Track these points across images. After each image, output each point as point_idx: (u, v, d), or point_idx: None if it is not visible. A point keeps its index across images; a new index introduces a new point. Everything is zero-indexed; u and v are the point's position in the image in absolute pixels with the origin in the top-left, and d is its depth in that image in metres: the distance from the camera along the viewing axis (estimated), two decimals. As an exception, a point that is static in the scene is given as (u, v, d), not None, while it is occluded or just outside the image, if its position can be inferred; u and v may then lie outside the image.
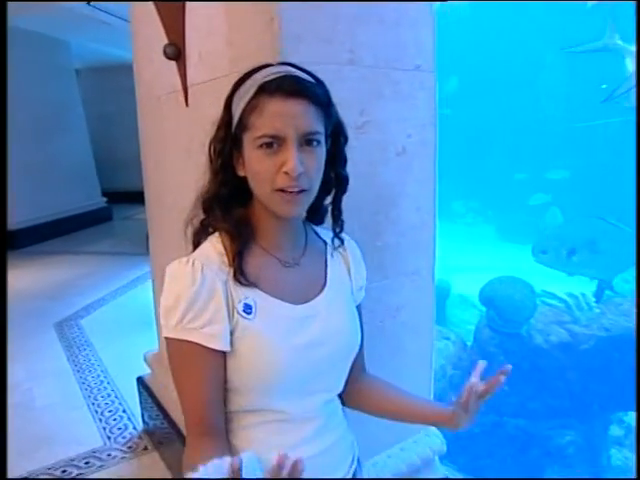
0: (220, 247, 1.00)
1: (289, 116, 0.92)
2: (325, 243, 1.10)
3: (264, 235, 1.02)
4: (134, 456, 2.16)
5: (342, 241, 1.09)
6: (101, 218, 7.58)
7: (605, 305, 3.67)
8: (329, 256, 1.10)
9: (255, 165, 0.95)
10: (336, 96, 1.17)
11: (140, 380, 2.25)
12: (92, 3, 5.06)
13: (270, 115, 0.92)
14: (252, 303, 0.99)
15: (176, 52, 1.52)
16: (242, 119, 0.95)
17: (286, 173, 0.92)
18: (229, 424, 1.01)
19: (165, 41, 1.54)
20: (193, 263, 0.97)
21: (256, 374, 0.99)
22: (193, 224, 1.05)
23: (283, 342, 0.99)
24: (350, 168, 1.22)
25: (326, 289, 1.06)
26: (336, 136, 1.01)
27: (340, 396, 1.11)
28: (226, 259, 0.98)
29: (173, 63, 1.55)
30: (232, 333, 0.96)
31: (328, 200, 1.05)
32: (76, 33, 6.52)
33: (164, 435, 2.11)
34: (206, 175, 1.01)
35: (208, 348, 0.96)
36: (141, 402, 2.26)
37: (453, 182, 8.73)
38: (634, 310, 2.98)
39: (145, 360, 2.21)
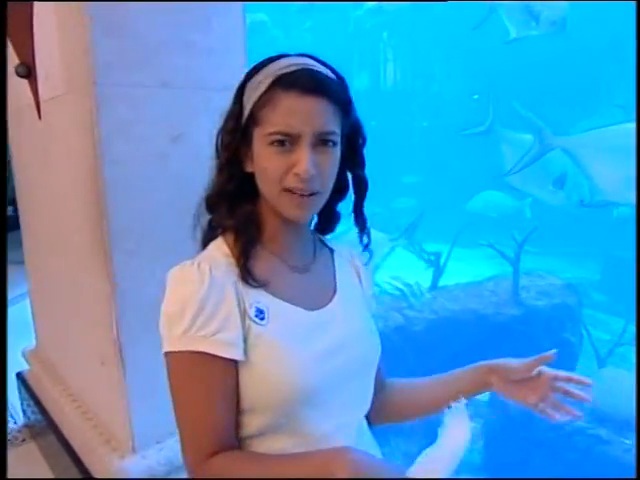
0: (225, 248, 0.94)
1: (305, 114, 0.86)
2: (331, 251, 1.07)
3: (272, 237, 0.96)
4: (12, 447, 2.28)
5: (371, 254, 1.05)
6: (8, 227, 7.39)
7: (438, 291, 4.18)
8: (337, 264, 1.05)
9: (264, 162, 0.89)
10: (149, 115, 1.41)
11: (19, 375, 2.37)
12: None
13: (284, 111, 0.87)
14: (264, 308, 0.91)
15: (26, 71, 1.69)
16: (253, 112, 0.89)
17: (297, 174, 0.87)
18: None
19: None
20: (199, 265, 0.89)
21: (274, 386, 0.88)
22: (201, 225, 0.99)
23: (301, 350, 0.91)
24: (166, 174, 1.45)
25: (337, 295, 1.01)
26: (354, 136, 0.97)
27: (366, 417, 1.03)
28: (233, 260, 0.92)
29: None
30: (244, 341, 0.87)
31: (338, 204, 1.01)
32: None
33: (42, 427, 2.24)
34: (212, 171, 0.97)
35: (220, 358, 0.86)
36: (20, 396, 2.38)
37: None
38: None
39: (23, 356, 2.33)
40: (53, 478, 1.69)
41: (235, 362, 0.86)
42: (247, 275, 0.89)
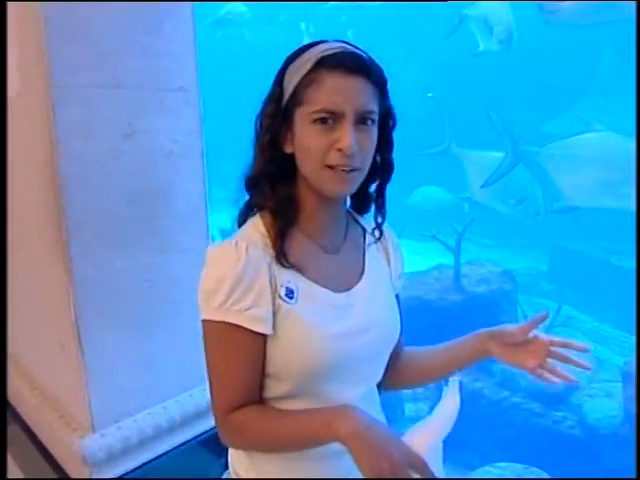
0: (262, 228, 0.98)
1: (348, 93, 0.90)
2: (364, 230, 1.11)
3: (308, 218, 1.00)
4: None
5: (382, 232, 1.09)
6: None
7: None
8: (367, 244, 1.09)
9: (307, 140, 0.92)
10: (104, 114, 1.49)
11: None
12: None
13: (329, 90, 0.90)
14: (294, 288, 0.96)
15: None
16: (296, 93, 0.92)
17: (340, 150, 0.90)
18: None
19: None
20: (237, 244, 0.95)
21: (297, 360, 0.96)
22: (238, 206, 1.04)
23: (324, 329, 0.97)
24: (121, 169, 1.54)
25: (364, 278, 1.05)
26: (386, 118, 0.99)
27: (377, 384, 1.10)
28: (269, 241, 0.97)
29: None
30: (273, 316, 0.94)
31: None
32: None
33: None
34: (252, 153, 1.00)
35: (251, 331, 0.93)
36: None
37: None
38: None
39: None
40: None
41: (264, 335, 0.94)
42: (282, 257, 0.95)
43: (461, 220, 5.10)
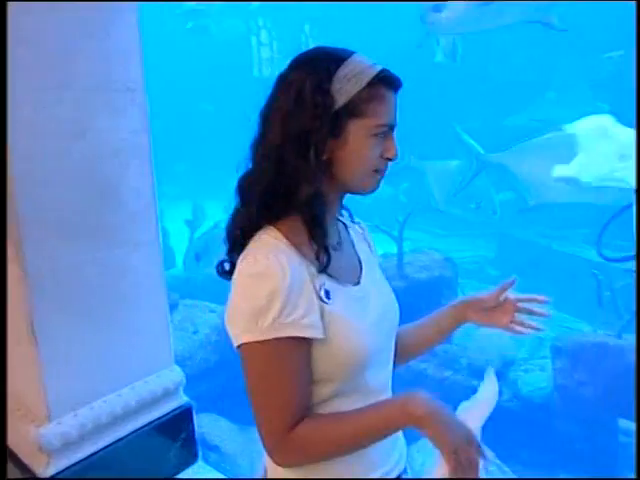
0: (282, 237, 0.99)
1: (394, 108, 1.01)
2: (344, 224, 1.17)
3: (329, 216, 1.05)
4: None
5: (353, 221, 1.18)
6: None
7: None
8: (352, 237, 1.17)
9: (364, 150, 0.99)
10: (54, 114, 1.54)
11: None
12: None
13: (389, 106, 0.99)
14: (329, 289, 1.00)
15: None
16: (352, 104, 0.96)
17: (389, 159, 1.02)
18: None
19: None
20: (275, 256, 0.95)
21: (345, 356, 1.00)
22: (236, 222, 1.04)
23: (361, 322, 1.03)
24: (70, 168, 1.60)
25: (364, 269, 1.12)
26: None
27: None
28: (293, 247, 0.98)
29: None
30: (320, 320, 0.97)
31: None
32: None
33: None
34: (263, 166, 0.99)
35: (304, 340, 0.95)
36: None
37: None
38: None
39: None
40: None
41: (311, 342, 0.96)
42: (325, 261, 0.98)
43: (399, 211, 5.34)
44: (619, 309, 3.81)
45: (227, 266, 1.07)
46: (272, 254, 0.95)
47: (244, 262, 0.97)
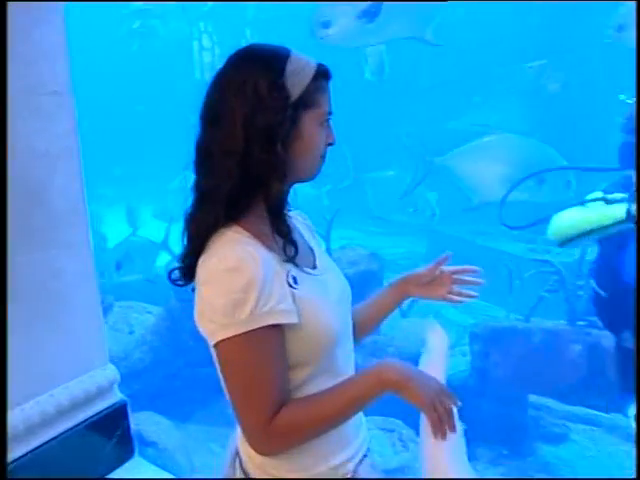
0: (245, 232, 1.03)
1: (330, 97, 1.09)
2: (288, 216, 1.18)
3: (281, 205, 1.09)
4: None
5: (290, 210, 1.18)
6: None
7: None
8: (297, 226, 1.20)
9: (316, 138, 1.06)
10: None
11: None
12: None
13: (328, 95, 1.08)
14: (295, 275, 1.04)
15: None
16: (305, 97, 1.02)
17: (331, 144, 1.11)
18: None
19: None
20: (245, 250, 0.98)
21: (320, 337, 1.04)
22: (193, 225, 1.05)
23: (326, 303, 1.08)
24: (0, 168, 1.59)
25: (316, 253, 1.18)
26: None
27: None
28: (258, 241, 1.02)
29: None
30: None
31: None
32: None
33: None
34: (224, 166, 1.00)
35: (279, 327, 0.98)
36: None
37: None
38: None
39: None
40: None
41: (284, 328, 0.99)
42: (292, 250, 1.03)
43: (322, 211, 5.51)
44: (527, 296, 4.16)
45: (178, 272, 1.11)
46: (240, 248, 0.99)
47: (213, 260, 0.99)
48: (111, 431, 2.01)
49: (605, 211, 2.12)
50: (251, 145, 1.00)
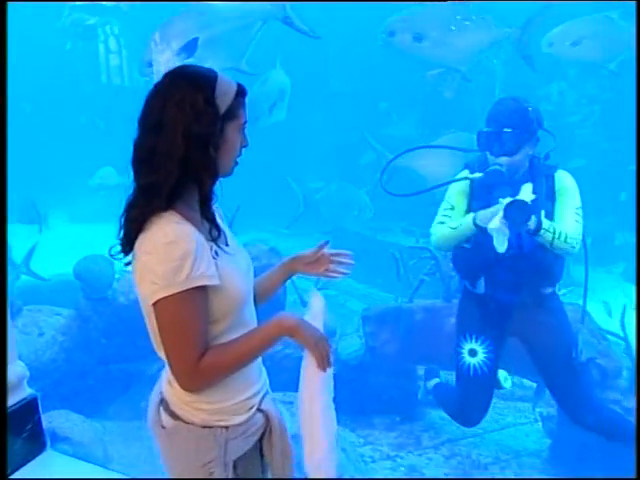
0: (179, 216, 1.32)
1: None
2: None
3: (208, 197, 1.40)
4: None
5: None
6: None
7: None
8: (213, 211, 1.46)
9: (236, 144, 1.39)
10: None
11: None
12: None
13: (245, 108, 1.40)
14: (216, 249, 1.38)
15: None
16: (229, 111, 1.34)
17: (245, 146, 1.42)
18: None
19: None
20: (181, 228, 1.29)
21: (234, 297, 1.40)
22: (135, 210, 1.33)
23: (237, 271, 1.44)
24: None
25: (227, 235, 1.48)
26: None
27: None
28: (189, 223, 1.32)
29: None
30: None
31: None
32: None
33: None
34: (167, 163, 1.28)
35: (206, 288, 1.31)
36: None
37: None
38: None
39: None
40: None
41: (208, 289, 1.31)
42: (215, 231, 1.37)
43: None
44: (410, 280, 4.71)
45: (118, 248, 1.42)
46: (178, 227, 1.30)
47: (156, 235, 1.29)
48: (22, 426, 2.11)
49: (466, 224, 2.72)
50: (190, 149, 1.30)
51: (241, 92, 1.40)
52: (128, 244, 1.40)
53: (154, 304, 1.30)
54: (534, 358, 3.00)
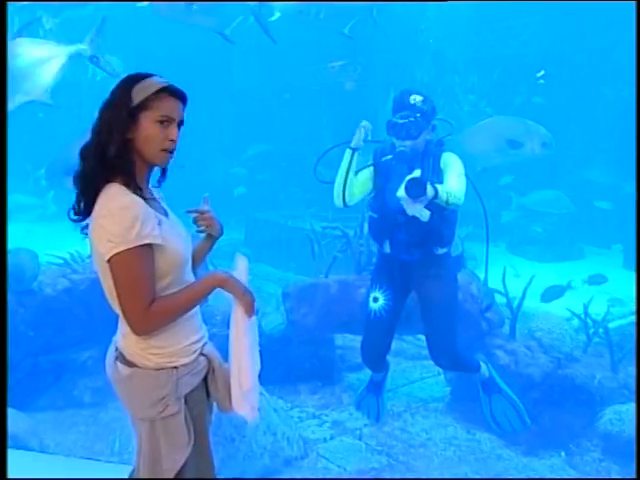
0: (123, 186, 1.62)
1: (177, 109, 1.66)
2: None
3: (140, 178, 1.68)
4: None
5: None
6: None
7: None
8: (157, 196, 1.83)
9: (152, 133, 1.62)
10: None
11: None
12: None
13: (169, 105, 1.63)
14: (160, 217, 1.67)
15: None
16: (145, 103, 1.59)
17: (172, 140, 1.65)
18: None
19: None
20: (129, 196, 1.60)
21: (175, 256, 1.68)
22: (92, 182, 1.62)
23: (178, 237, 1.73)
24: None
25: (168, 211, 1.80)
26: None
27: None
28: (136, 194, 1.62)
29: None
30: None
31: None
32: None
33: None
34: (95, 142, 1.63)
35: (154, 247, 1.59)
36: None
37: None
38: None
39: None
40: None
41: (154, 248, 1.61)
42: (155, 203, 1.73)
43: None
44: (324, 258, 5.13)
45: (75, 215, 1.73)
46: (129, 195, 1.62)
47: (110, 204, 1.60)
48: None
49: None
50: (105, 135, 1.64)
51: (168, 91, 1.67)
52: (83, 212, 1.72)
53: (109, 260, 1.58)
54: (421, 308, 3.54)
